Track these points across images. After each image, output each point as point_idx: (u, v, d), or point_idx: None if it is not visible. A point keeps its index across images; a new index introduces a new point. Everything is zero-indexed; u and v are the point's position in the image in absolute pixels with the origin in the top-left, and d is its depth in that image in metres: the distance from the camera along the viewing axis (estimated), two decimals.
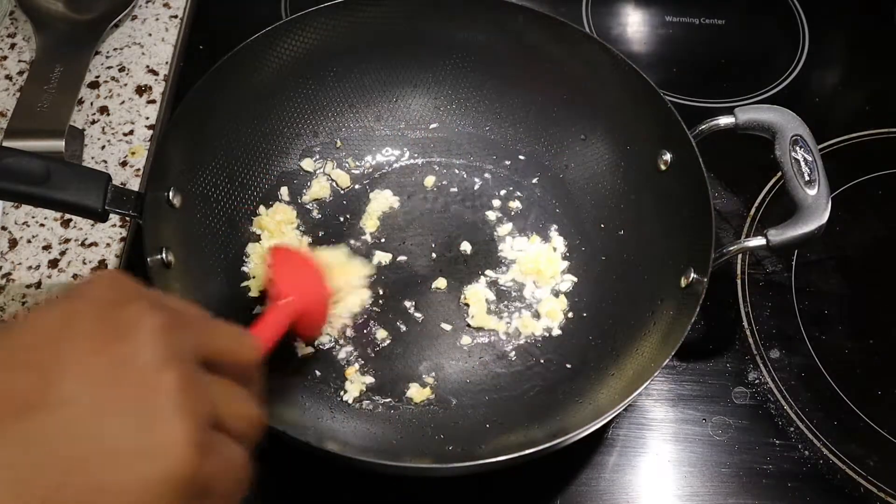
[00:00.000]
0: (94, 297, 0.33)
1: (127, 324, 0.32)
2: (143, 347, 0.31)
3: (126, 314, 0.32)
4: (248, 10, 0.90)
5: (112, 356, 0.31)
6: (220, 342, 0.36)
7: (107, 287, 0.33)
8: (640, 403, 0.67)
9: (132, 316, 0.32)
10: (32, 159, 0.56)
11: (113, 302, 0.32)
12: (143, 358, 0.31)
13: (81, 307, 0.32)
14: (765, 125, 0.65)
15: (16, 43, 0.84)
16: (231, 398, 0.35)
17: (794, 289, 0.74)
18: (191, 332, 0.34)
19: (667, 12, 0.94)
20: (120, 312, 0.32)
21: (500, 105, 0.78)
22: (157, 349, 0.31)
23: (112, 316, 0.32)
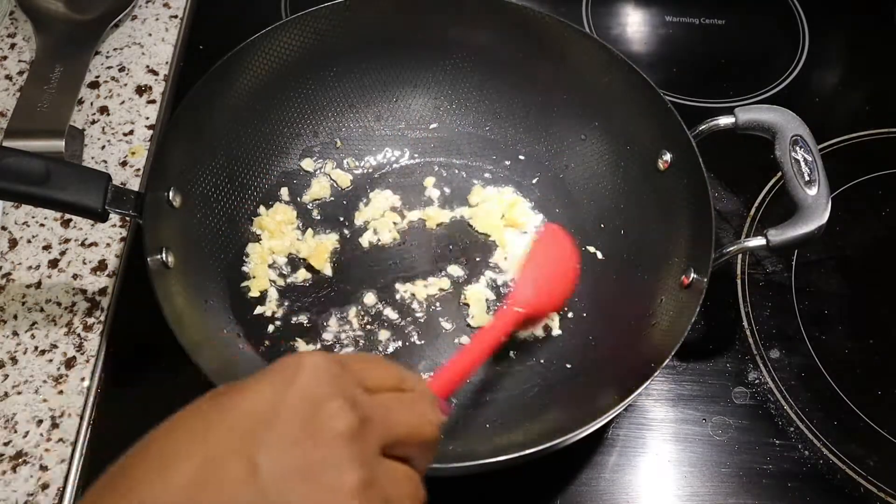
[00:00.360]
0: (300, 389, 0.35)
1: (323, 426, 0.35)
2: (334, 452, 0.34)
3: (324, 415, 0.35)
4: (248, 10, 0.90)
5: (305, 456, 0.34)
6: (403, 427, 0.39)
7: (310, 377, 0.36)
8: (640, 403, 0.67)
9: (328, 418, 0.35)
10: (32, 159, 0.56)
11: (314, 398, 0.35)
12: (331, 461, 0.34)
13: (287, 398, 0.35)
14: (765, 125, 0.65)
15: (16, 43, 0.84)
16: (401, 483, 0.38)
17: (794, 289, 0.74)
18: (378, 425, 0.37)
19: (667, 12, 0.94)
20: (318, 411, 0.35)
21: (500, 105, 0.78)
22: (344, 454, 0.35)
23: (310, 413, 0.35)
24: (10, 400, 0.63)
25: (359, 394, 0.37)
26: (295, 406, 0.35)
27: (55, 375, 0.65)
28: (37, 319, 0.67)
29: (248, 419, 0.35)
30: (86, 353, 0.66)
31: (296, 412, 0.35)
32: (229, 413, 0.35)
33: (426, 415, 0.40)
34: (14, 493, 0.60)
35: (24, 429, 0.62)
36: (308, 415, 0.35)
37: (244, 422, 0.34)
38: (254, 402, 0.35)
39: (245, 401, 0.35)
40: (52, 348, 0.66)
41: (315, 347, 0.66)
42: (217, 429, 0.34)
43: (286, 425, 0.34)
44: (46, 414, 0.63)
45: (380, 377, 0.40)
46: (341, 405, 0.35)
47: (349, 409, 0.35)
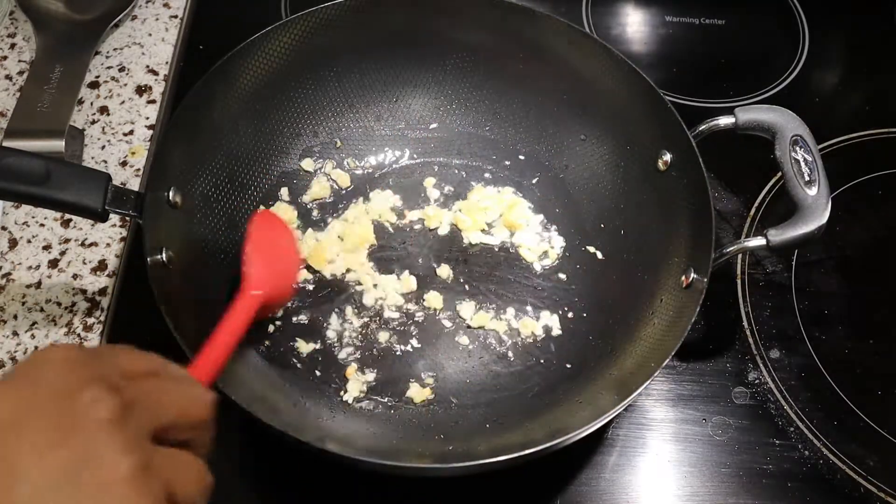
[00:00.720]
0: (46, 385, 0.33)
1: (79, 416, 0.32)
2: (97, 441, 0.32)
3: (78, 404, 0.32)
4: (248, 10, 0.90)
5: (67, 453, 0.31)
6: (170, 409, 0.37)
7: (58, 371, 0.33)
8: (640, 403, 0.67)
9: (84, 406, 0.32)
10: (32, 159, 0.56)
11: (65, 388, 0.33)
12: (97, 452, 0.32)
13: (34, 397, 0.32)
14: (765, 125, 0.65)
15: (16, 43, 0.84)
16: (182, 469, 0.36)
17: (794, 289, 0.74)
18: (142, 409, 0.35)
19: (667, 12, 0.94)
20: (72, 403, 0.32)
21: (500, 105, 0.78)
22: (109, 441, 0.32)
23: (64, 408, 0.32)
24: None
25: (115, 379, 0.35)
26: (45, 404, 0.32)
27: None
28: (37, 319, 0.67)
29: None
30: None
31: (47, 410, 0.32)
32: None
33: (193, 393, 0.39)
34: None
35: None
36: (62, 409, 0.32)
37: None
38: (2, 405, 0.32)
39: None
40: None
41: (315, 347, 0.66)
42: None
43: (39, 427, 0.32)
44: None
45: (135, 363, 0.38)
46: (98, 391, 0.33)
47: (107, 395, 0.33)
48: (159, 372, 0.39)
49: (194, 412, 0.38)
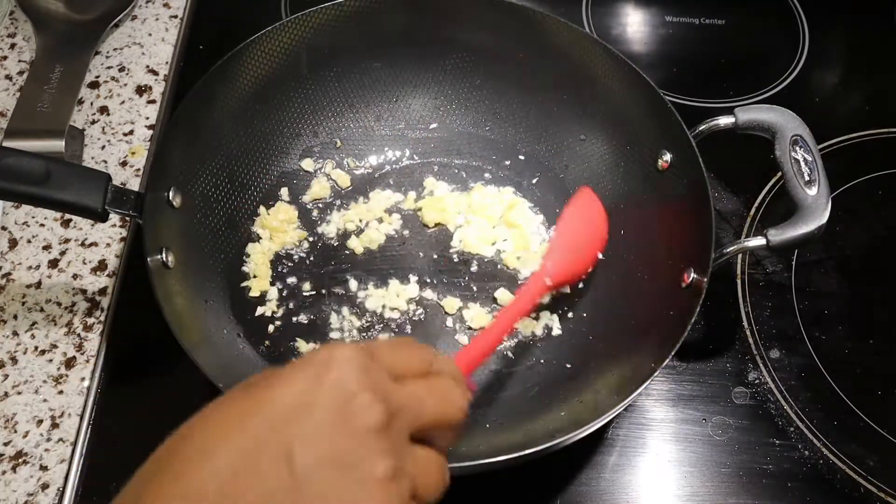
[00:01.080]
0: (330, 383, 0.36)
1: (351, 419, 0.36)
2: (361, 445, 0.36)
3: (352, 408, 0.36)
4: (248, 10, 0.90)
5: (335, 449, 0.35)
6: (430, 414, 0.40)
7: (341, 372, 0.37)
8: (640, 403, 0.67)
9: (357, 411, 0.36)
10: (32, 159, 0.56)
11: (343, 393, 0.36)
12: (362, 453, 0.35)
13: (317, 392, 0.36)
14: (765, 125, 0.65)
15: (16, 43, 0.84)
16: (427, 467, 0.40)
17: (794, 289, 0.74)
18: (406, 413, 0.38)
19: (667, 12, 0.94)
20: (347, 405, 0.36)
21: (500, 105, 0.78)
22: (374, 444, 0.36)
23: (340, 408, 0.36)
24: (10, 400, 0.63)
25: (388, 385, 0.38)
26: (327, 400, 0.36)
27: (55, 375, 0.65)
28: (37, 319, 0.67)
29: (282, 411, 0.35)
30: (86, 353, 0.66)
31: (328, 406, 0.36)
32: (264, 404, 0.36)
33: (453, 399, 0.41)
34: (14, 493, 0.60)
35: (24, 429, 0.62)
36: (340, 408, 0.36)
37: (278, 413, 0.35)
38: (288, 394, 0.36)
39: (279, 393, 0.36)
40: (52, 348, 0.66)
41: (316, 347, 0.66)
42: (252, 420, 0.35)
43: (319, 418, 0.35)
44: (46, 414, 0.63)
45: (408, 363, 0.41)
46: (371, 399, 0.36)
47: (378, 403, 0.36)
48: (428, 370, 0.42)
49: (451, 416, 0.41)
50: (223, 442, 0.35)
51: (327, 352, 0.38)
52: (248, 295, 0.68)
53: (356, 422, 0.36)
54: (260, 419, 0.35)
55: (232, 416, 0.36)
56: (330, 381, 0.37)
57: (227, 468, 0.34)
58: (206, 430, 0.36)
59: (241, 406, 0.36)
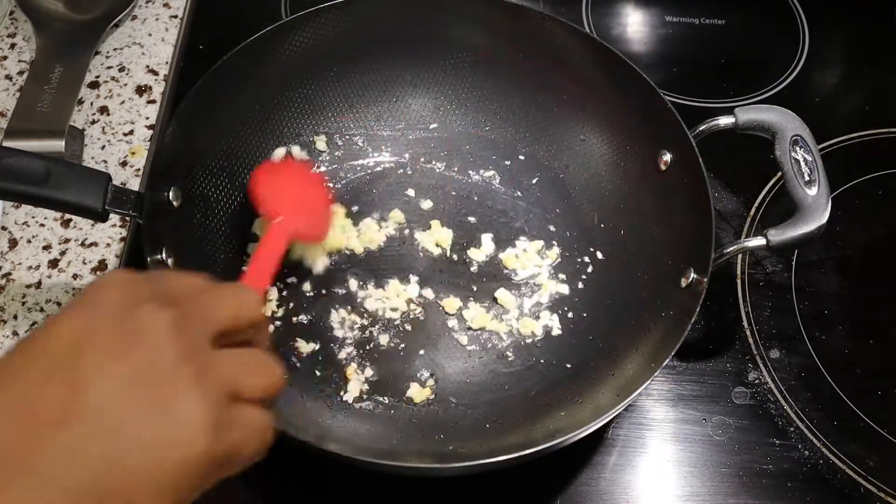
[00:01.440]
0: (108, 303, 0.36)
1: (140, 329, 0.35)
2: (158, 349, 0.35)
3: (138, 319, 0.35)
4: (248, 10, 0.90)
5: (131, 362, 0.34)
6: (224, 314, 0.40)
7: (117, 291, 0.37)
8: (640, 403, 0.67)
9: (144, 320, 0.35)
10: (32, 159, 0.56)
11: (125, 307, 0.36)
12: (159, 359, 0.35)
13: (97, 315, 0.35)
14: (765, 125, 0.65)
15: (16, 43, 0.84)
16: (244, 367, 0.39)
17: (794, 289, 0.74)
18: (198, 318, 0.38)
19: (667, 12, 0.94)
20: (132, 318, 0.35)
21: (500, 105, 0.78)
22: (170, 348, 0.35)
23: (126, 322, 0.35)
24: None
25: (169, 295, 0.38)
26: (108, 319, 0.35)
27: None
28: (37, 319, 0.67)
29: (64, 343, 0.34)
30: None
31: (111, 324, 0.35)
32: (47, 342, 0.35)
33: (242, 296, 0.41)
34: None
35: None
36: (122, 326, 0.35)
37: (61, 346, 0.34)
38: (67, 327, 0.35)
39: (59, 328, 0.35)
40: None
41: (315, 347, 0.66)
42: (38, 358, 0.34)
43: (104, 339, 0.35)
44: None
45: (185, 283, 0.41)
46: (154, 307, 0.36)
47: (162, 310, 0.36)
48: (209, 288, 0.41)
49: (247, 313, 0.41)
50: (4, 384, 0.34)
51: (97, 281, 0.37)
52: None
53: (145, 330, 0.35)
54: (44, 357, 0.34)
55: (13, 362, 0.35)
56: (107, 302, 0.36)
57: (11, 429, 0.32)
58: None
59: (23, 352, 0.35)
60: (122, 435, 0.33)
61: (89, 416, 0.33)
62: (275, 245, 0.60)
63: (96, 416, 0.33)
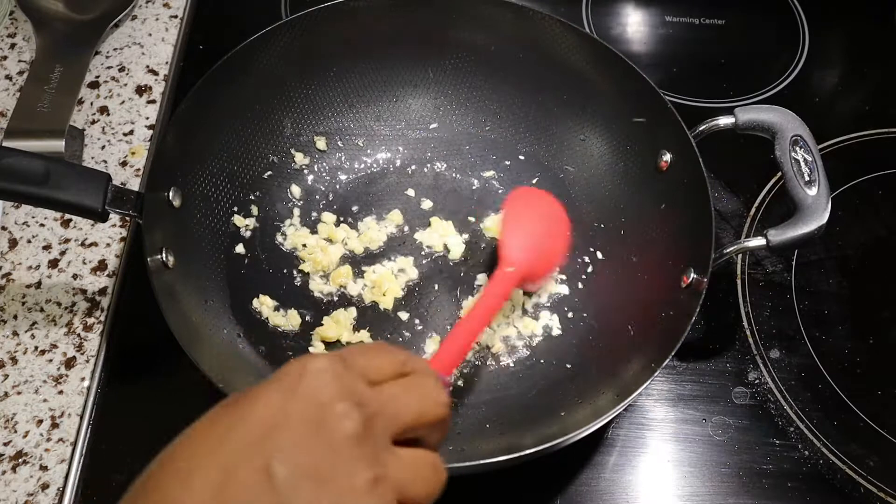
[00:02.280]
0: (305, 394, 0.37)
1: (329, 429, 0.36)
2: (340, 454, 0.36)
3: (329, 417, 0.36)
4: (248, 10, 0.90)
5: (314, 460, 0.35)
6: (410, 413, 0.40)
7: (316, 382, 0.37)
8: (640, 403, 0.67)
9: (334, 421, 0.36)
10: (32, 159, 0.56)
11: (319, 403, 0.36)
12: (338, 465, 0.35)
13: (293, 404, 0.36)
14: (765, 125, 0.65)
15: (16, 43, 0.84)
16: (414, 468, 0.39)
17: (794, 289, 0.74)
18: (386, 416, 0.38)
19: (667, 12, 0.94)
20: (324, 415, 0.36)
21: (500, 105, 0.78)
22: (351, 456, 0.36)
23: (317, 419, 0.36)
24: (10, 400, 0.63)
25: (363, 390, 0.38)
26: (302, 411, 0.36)
27: (55, 375, 0.65)
28: (37, 319, 0.67)
29: (258, 427, 0.36)
30: (86, 353, 0.66)
31: (303, 417, 0.36)
32: (241, 422, 0.36)
33: (431, 396, 0.41)
34: (14, 493, 0.60)
35: (24, 429, 0.62)
36: (315, 419, 0.36)
37: (255, 429, 0.35)
38: (263, 409, 0.36)
39: (254, 409, 0.36)
40: (52, 348, 0.66)
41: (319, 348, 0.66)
42: (230, 438, 0.35)
43: (295, 431, 0.35)
44: (46, 414, 0.63)
45: (381, 367, 0.41)
46: (346, 407, 0.36)
47: (354, 410, 0.36)
48: (403, 371, 0.41)
49: (431, 414, 0.41)
50: (203, 462, 0.35)
51: (300, 364, 0.38)
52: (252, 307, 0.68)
53: (332, 432, 0.36)
54: (237, 436, 0.35)
55: (210, 438, 0.36)
56: (303, 393, 0.37)
57: (208, 488, 0.34)
58: (186, 452, 0.36)
59: (218, 425, 0.37)
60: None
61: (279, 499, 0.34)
62: (494, 303, 0.57)
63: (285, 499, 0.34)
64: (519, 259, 0.61)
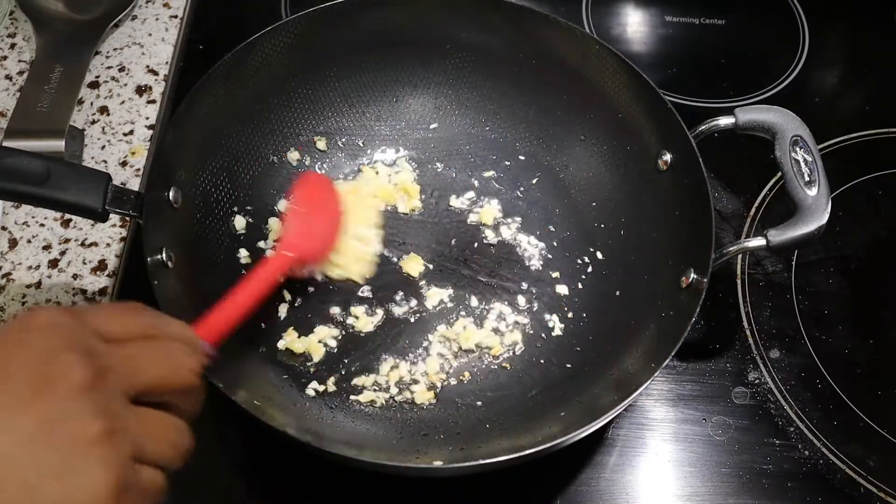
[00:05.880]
0: (28, 348, 0.35)
1: (53, 380, 0.34)
2: (68, 404, 0.34)
3: (53, 369, 0.35)
4: (248, 10, 0.90)
5: (39, 414, 0.34)
6: (150, 374, 0.39)
7: (40, 335, 0.36)
8: (640, 403, 0.67)
9: (59, 372, 0.35)
10: (32, 159, 0.56)
11: (43, 355, 0.35)
12: (66, 415, 0.34)
13: (14, 359, 0.35)
14: (765, 126, 0.65)
15: (16, 43, 0.84)
16: (155, 428, 0.38)
17: (794, 289, 0.74)
18: (121, 373, 0.37)
19: (667, 12, 0.94)
20: (48, 367, 0.35)
21: (500, 105, 0.78)
22: (79, 405, 0.34)
23: (41, 371, 0.34)
24: None
25: (95, 344, 0.37)
26: (25, 364, 0.35)
27: None
28: None
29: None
30: None
31: (26, 370, 0.35)
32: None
33: (178, 360, 0.41)
34: None
35: None
36: (39, 371, 0.35)
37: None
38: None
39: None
40: None
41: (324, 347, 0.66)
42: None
43: (17, 384, 0.34)
44: None
45: (123, 326, 0.40)
46: (75, 358, 0.35)
47: (83, 361, 0.35)
48: (151, 334, 0.40)
49: (175, 378, 0.40)
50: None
51: (25, 316, 0.37)
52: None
53: (59, 382, 0.34)
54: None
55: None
56: (27, 345, 0.35)
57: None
58: None
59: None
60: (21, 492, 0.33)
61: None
62: (266, 280, 0.58)
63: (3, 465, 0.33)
64: (298, 246, 0.63)
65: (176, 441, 0.40)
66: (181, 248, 0.62)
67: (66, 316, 0.37)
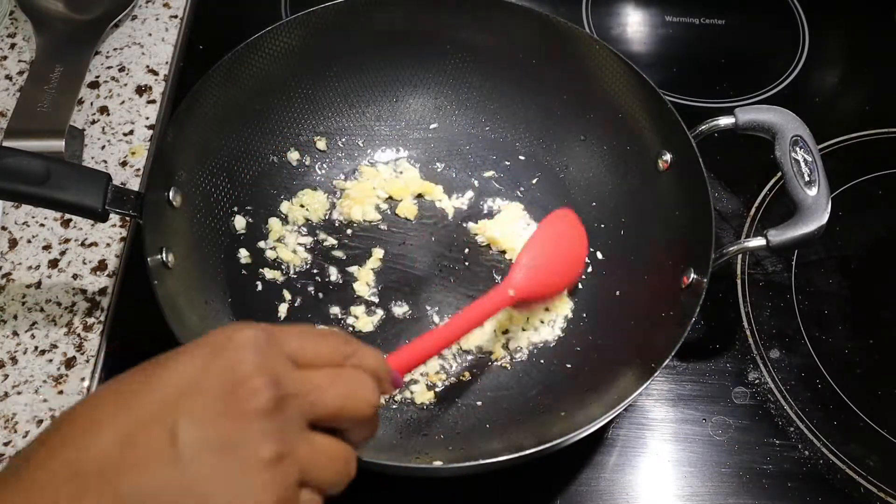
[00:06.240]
0: (222, 365, 0.36)
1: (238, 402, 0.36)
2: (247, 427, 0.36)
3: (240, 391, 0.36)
4: (248, 10, 0.90)
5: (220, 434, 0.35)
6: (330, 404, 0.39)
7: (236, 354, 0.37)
8: (640, 403, 0.67)
9: (246, 395, 0.36)
10: (32, 159, 0.56)
11: (234, 376, 0.36)
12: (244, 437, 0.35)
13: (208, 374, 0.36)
14: (765, 126, 0.65)
15: (16, 43, 0.84)
16: (324, 455, 0.39)
17: (794, 289, 0.74)
18: (303, 401, 0.38)
19: (667, 12, 0.94)
20: (235, 388, 0.36)
21: (500, 105, 0.78)
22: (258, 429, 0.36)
23: (229, 391, 0.36)
24: (10, 400, 0.63)
25: (284, 371, 0.38)
26: (217, 380, 0.36)
27: (55, 375, 0.65)
28: (37, 319, 0.67)
29: (171, 389, 0.36)
30: (86, 353, 0.66)
31: (217, 386, 0.36)
32: (154, 383, 0.36)
33: (360, 393, 0.41)
34: None
35: (24, 429, 0.62)
36: (229, 390, 0.36)
37: (167, 391, 0.36)
38: (179, 373, 0.36)
39: (170, 371, 0.36)
40: (52, 348, 0.66)
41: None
42: (141, 397, 0.36)
43: (207, 398, 0.35)
44: (46, 414, 0.63)
45: (315, 351, 0.40)
46: (262, 382, 0.36)
47: (268, 387, 0.36)
48: (340, 361, 0.41)
49: (354, 410, 0.40)
50: (107, 419, 0.35)
51: (226, 332, 0.38)
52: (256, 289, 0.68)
53: (243, 404, 0.36)
54: (147, 398, 0.35)
55: (120, 395, 0.36)
56: (222, 362, 0.36)
57: (108, 444, 0.34)
58: (92, 408, 0.36)
59: (131, 385, 0.37)
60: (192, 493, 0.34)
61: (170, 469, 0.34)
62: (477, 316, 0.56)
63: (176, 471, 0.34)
64: (522, 286, 0.60)
65: (342, 470, 0.40)
66: (181, 248, 0.62)
67: (264, 337, 0.38)
